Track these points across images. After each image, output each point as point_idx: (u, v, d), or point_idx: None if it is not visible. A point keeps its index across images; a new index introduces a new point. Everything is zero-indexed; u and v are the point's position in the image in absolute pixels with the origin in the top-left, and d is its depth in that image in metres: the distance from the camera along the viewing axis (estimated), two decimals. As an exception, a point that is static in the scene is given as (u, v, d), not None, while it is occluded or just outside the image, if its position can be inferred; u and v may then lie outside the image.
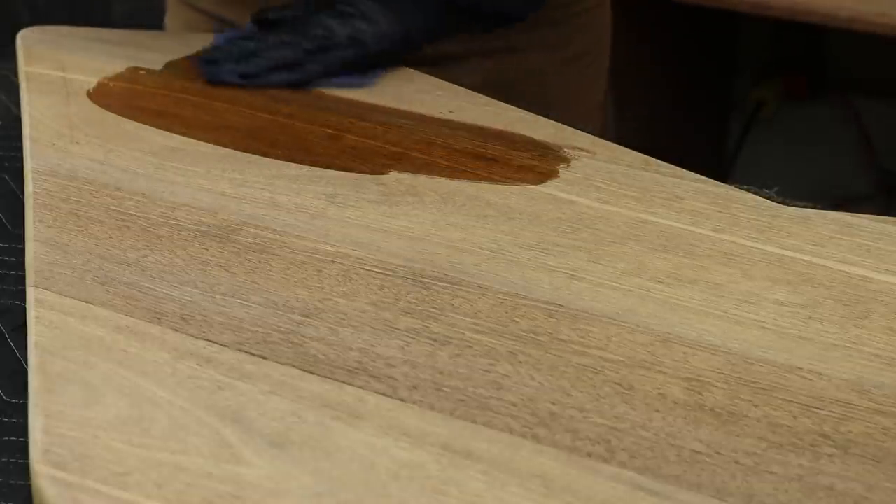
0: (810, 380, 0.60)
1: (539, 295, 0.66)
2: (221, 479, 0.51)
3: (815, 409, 0.58)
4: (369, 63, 0.90)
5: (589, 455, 0.54)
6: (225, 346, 0.60)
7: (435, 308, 0.64)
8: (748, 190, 0.79)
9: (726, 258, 0.70)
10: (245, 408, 0.55)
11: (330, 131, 0.85)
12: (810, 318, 0.65)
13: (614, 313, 0.65)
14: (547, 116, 0.89)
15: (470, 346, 0.61)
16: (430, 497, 0.51)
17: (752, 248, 0.71)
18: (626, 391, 0.58)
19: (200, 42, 0.99)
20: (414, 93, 0.91)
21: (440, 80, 0.95)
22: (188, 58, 0.92)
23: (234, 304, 0.63)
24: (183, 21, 1.10)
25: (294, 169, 0.79)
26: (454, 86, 0.95)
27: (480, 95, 0.93)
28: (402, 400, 0.57)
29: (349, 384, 0.58)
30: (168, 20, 1.13)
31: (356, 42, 0.89)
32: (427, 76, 0.95)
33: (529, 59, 1.02)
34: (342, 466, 0.52)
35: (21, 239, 0.71)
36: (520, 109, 0.93)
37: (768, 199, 0.77)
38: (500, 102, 0.91)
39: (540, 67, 1.03)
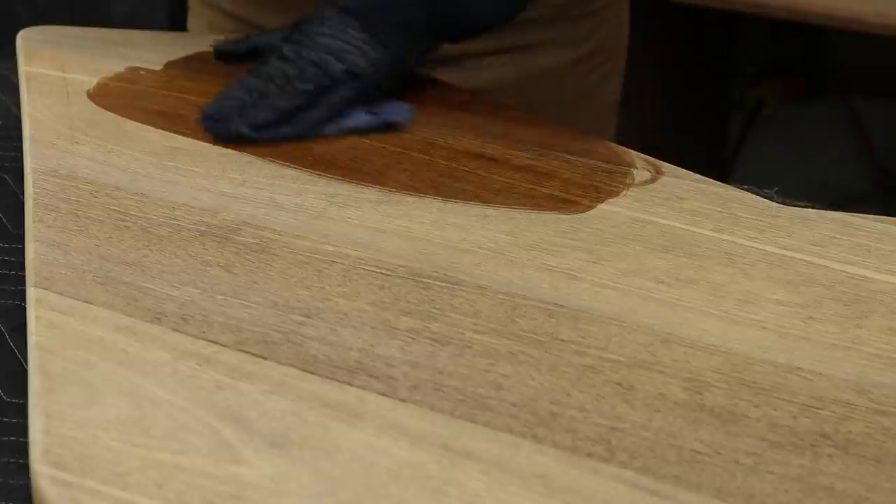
0: (810, 380, 0.60)
1: (539, 295, 0.66)
2: (221, 479, 0.51)
3: (815, 409, 0.58)
4: (369, 95, 0.85)
5: (589, 455, 0.54)
6: (225, 346, 0.60)
7: (435, 308, 0.64)
8: (748, 190, 0.79)
9: (726, 258, 0.70)
10: (245, 408, 0.55)
11: (330, 131, 0.85)
12: (810, 318, 0.65)
13: (614, 313, 0.65)
14: (561, 115, 0.89)
15: (470, 346, 0.61)
16: (430, 497, 0.51)
17: (752, 248, 0.71)
18: (626, 391, 0.58)
19: (200, 43, 1.00)
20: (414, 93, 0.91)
21: (439, 80, 0.95)
22: (197, 121, 0.84)
23: (234, 304, 0.63)
24: (206, 21, 1.10)
25: (294, 169, 0.79)
26: (454, 85, 0.95)
27: (478, 94, 0.93)
28: (402, 400, 0.57)
29: (349, 384, 0.58)
30: (190, 20, 1.13)
31: (353, 76, 0.84)
32: (426, 75, 0.95)
33: (544, 57, 1.02)
34: (342, 466, 0.52)
35: (21, 239, 0.71)
36: (520, 109, 0.93)
37: (768, 199, 0.77)
38: (500, 101, 0.91)
39: (554, 65, 1.03)
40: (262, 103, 0.82)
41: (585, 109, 1.05)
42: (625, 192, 0.77)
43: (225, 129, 0.81)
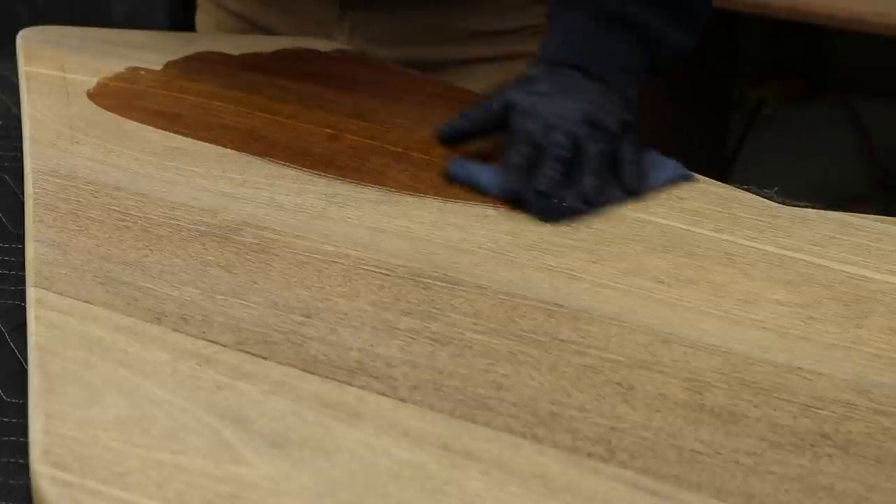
0: (810, 380, 0.60)
1: (539, 295, 0.66)
2: (221, 479, 0.51)
3: (815, 409, 0.58)
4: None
5: (589, 455, 0.54)
6: (225, 346, 0.60)
7: (435, 308, 0.64)
8: (748, 190, 0.79)
9: (726, 258, 0.70)
10: (245, 408, 0.55)
11: (330, 131, 0.85)
12: (810, 318, 0.65)
13: (614, 313, 0.65)
14: None
15: (470, 346, 0.61)
16: (430, 497, 0.51)
17: (752, 248, 0.71)
18: (626, 391, 0.58)
19: (200, 43, 1.00)
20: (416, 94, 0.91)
21: (440, 80, 0.95)
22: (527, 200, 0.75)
23: (234, 304, 0.63)
24: (213, 19, 1.10)
25: (294, 169, 0.79)
26: (454, 85, 0.95)
27: (478, 95, 0.93)
28: (402, 400, 0.57)
29: (349, 384, 0.58)
30: (198, 16, 1.13)
31: (629, 127, 0.79)
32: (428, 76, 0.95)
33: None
34: (342, 466, 0.52)
35: (21, 239, 0.71)
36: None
37: (768, 199, 0.77)
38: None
39: None
40: (575, 174, 0.75)
41: None
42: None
43: (559, 206, 0.73)
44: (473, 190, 0.77)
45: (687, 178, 0.79)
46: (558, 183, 0.74)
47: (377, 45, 1.01)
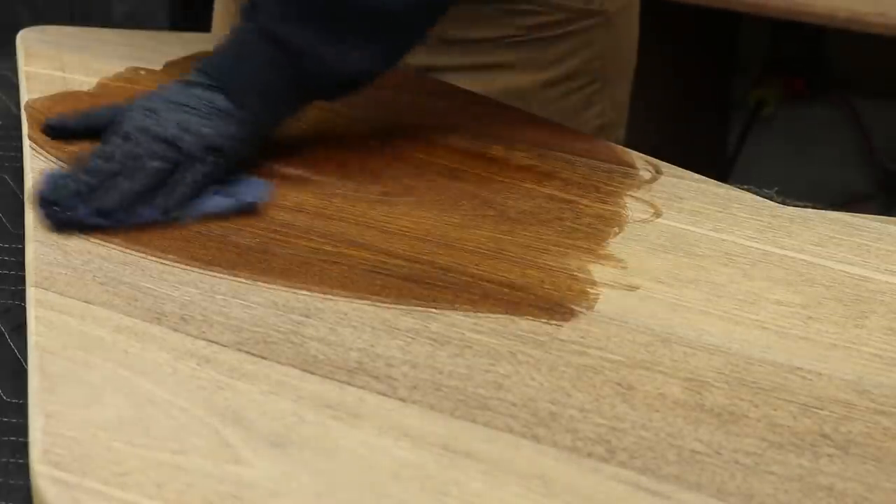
0: (810, 380, 0.60)
1: (539, 294, 0.66)
2: (221, 479, 0.51)
3: (815, 409, 0.58)
4: (229, 170, 0.75)
5: (589, 455, 0.54)
6: (225, 346, 0.60)
7: (435, 308, 0.64)
8: (748, 190, 0.79)
9: (726, 258, 0.70)
10: (245, 408, 0.55)
11: (330, 132, 0.85)
12: (810, 318, 0.65)
13: (614, 313, 0.65)
14: None
15: (470, 347, 0.61)
16: (430, 497, 0.51)
17: (752, 248, 0.71)
18: (626, 391, 0.58)
19: (200, 43, 1.00)
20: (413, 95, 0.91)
21: (440, 81, 0.95)
22: (34, 203, 0.71)
23: (234, 304, 0.63)
24: (223, 7, 1.09)
25: (293, 169, 0.79)
26: (455, 86, 0.95)
27: (479, 95, 0.93)
28: (402, 400, 0.57)
29: (349, 384, 0.58)
30: (217, 4, 1.12)
31: (213, 150, 0.74)
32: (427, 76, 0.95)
33: (507, 77, 0.98)
34: (342, 466, 0.52)
35: (21, 239, 0.71)
36: (520, 109, 0.93)
37: (768, 199, 0.77)
38: (500, 103, 0.92)
39: (520, 86, 0.99)
40: (109, 186, 0.71)
41: None
42: (625, 192, 0.77)
43: (66, 216, 0.69)
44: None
45: (248, 209, 0.73)
46: (73, 193, 0.69)
47: None
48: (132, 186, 0.71)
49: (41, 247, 0.67)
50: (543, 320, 0.63)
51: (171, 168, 0.73)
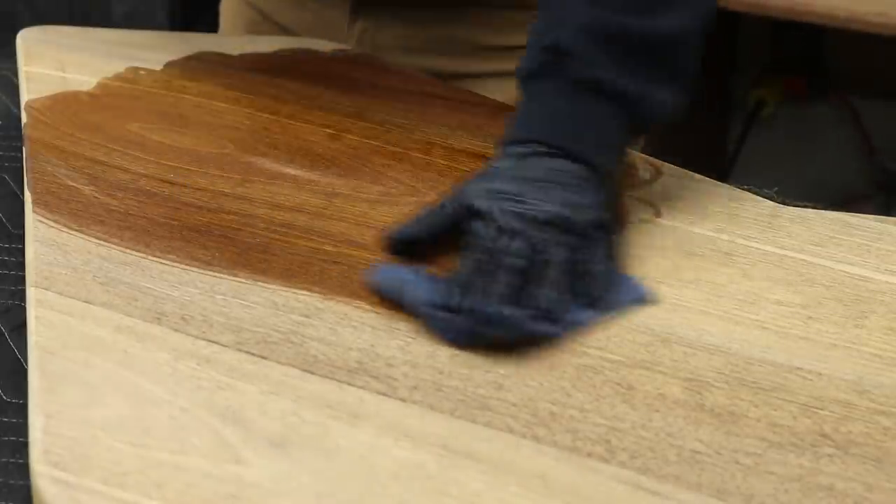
0: (810, 380, 0.60)
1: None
2: (221, 479, 0.51)
3: (815, 409, 0.58)
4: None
5: (589, 455, 0.54)
6: (225, 346, 0.60)
7: (435, 308, 0.64)
8: (748, 190, 0.79)
9: (726, 258, 0.70)
10: (245, 408, 0.55)
11: (330, 131, 0.85)
12: (810, 318, 0.65)
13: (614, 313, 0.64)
14: None
15: (470, 346, 0.61)
16: (430, 497, 0.51)
17: (752, 248, 0.71)
18: (626, 391, 0.58)
19: (200, 43, 1.00)
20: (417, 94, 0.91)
21: (440, 81, 0.95)
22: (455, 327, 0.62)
23: (234, 304, 0.63)
24: (232, 6, 1.09)
25: (294, 169, 0.79)
26: (455, 86, 0.95)
27: (479, 95, 0.93)
28: (402, 400, 0.57)
29: (349, 384, 0.58)
30: (222, 3, 1.12)
31: (599, 226, 0.67)
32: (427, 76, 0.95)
33: None
34: (342, 466, 0.52)
35: (21, 239, 0.71)
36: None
37: (768, 199, 0.77)
38: (500, 103, 0.91)
39: None
40: (531, 286, 0.63)
41: None
42: (625, 192, 0.77)
43: (541, 327, 0.62)
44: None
45: (648, 301, 0.66)
46: (506, 298, 0.62)
47: (386, 53, 1.01)
48: (558, 278, 0.63)
49: (41, 247, 0.67)
50: (543, 320, 0.63)
51: (575, 259, 0.65)
